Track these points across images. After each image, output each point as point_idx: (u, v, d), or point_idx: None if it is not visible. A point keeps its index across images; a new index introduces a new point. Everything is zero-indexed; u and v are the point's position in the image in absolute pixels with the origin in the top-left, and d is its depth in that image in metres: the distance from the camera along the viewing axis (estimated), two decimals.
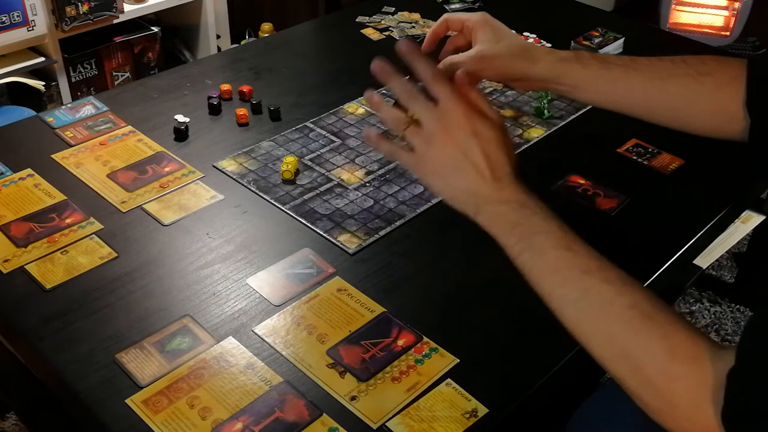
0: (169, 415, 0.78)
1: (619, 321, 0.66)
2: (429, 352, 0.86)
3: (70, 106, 1.31)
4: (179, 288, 0.95)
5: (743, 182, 1.18)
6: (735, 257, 2.00)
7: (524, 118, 1.33)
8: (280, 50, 1.56)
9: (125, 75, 2.31)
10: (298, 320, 0.90)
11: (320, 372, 0.83)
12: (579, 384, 1.15)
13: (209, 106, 1.31)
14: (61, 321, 0.89)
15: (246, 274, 0.97)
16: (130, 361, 0.84)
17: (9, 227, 1.03)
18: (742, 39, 2.76)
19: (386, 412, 0.79)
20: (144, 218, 1.06)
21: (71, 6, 2.03)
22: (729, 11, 2.69)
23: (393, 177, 1.16)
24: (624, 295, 0.67)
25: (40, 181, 1.12)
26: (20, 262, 0.97)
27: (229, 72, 1.46)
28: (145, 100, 1.35)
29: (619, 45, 1.57)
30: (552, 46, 1.58)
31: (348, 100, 1.36)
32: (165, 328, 0.88)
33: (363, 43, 1.60)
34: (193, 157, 1.19)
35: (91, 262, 0.98)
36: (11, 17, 1.93)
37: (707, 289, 1.92)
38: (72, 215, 1.06)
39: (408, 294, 0.95)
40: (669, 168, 1.21)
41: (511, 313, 0.93)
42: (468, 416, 0.79)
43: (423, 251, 1.03)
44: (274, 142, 1.24)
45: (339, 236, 1.04)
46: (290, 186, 1.14)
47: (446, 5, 1.75)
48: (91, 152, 1.19)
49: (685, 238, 1.09)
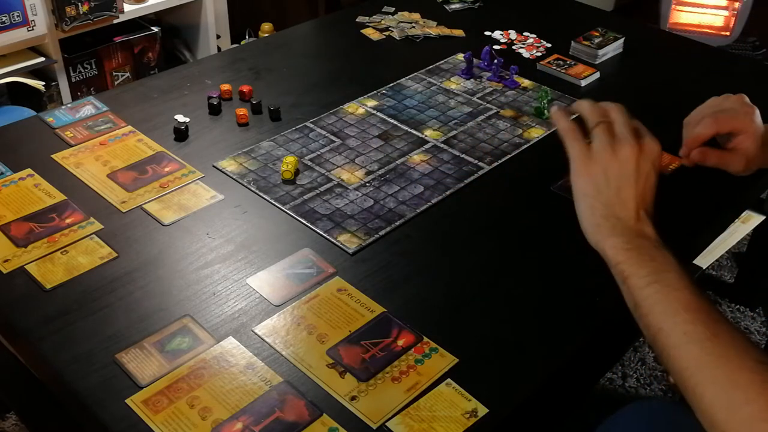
0: (169, 415, 0.78)
1: (746, 371, 0.64)
2: (429, 352, 0.86)
3: (70, 106, 1.31)
4: (179, 288, 0.95)
5: (743, 182, 1.18)
6: (735, 257, 2.00)
7: (524, 118, 1.33)
8: (280, 50, 1.56)
9: (125, 75, 2.31)
10: (298, 320, 0.90)
11: (320, 372, 0.83)
12: (579, 384, 1.15)
13: (209, 106, 1.31)
14: (61, 321, 0.89)
15: (246, 274, 0.97)
16: (130, 361, 0.84)
17: (9, 227, 1.03)
18: (742, 39, 2.76)
19: (386, 412, 0.79)
20: (144, 218, 1.06)
21: (71, 6, 2.03)
22: (729, 11, 2.69)
23: (393, 177, 1.16)
24: (753, 351, 0.66)
25: (40, 181, 1.12)
26: (20, 262, 0.97)
27: (229, 72, 1.47)
28: (145, 100, 1.35)
29: (619, 45, 1.57)
30: (552, 46, 1.58)
31: (348, 100, 1.36)
32: (165, 328, 0.88)
33: (363, 43, 1.60)
34: (193, 157, 1.19)
35: (91, 262, 0.98)
36: (11, 17, 1.93)
37: (707, 289, 1.91)
38: (72, 215, 1.06)
39: (408, 294, 0.95)
40: (669, 168, 1.21)
41: (511, 313, 0.94)
42: (468, 416, 0.79)
43: (423, 251, 1.03)
44: (274, 142, 1.24)
45: (339, 236, 1.04)
46: (290, 186, 1.14)
47: (446, 5, 1.75)
48: (91, 152, 1.19)
49: (685, 238, 1.09)
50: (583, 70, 1.48)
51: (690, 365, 0.67)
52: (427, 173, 1.18)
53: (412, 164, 1.20)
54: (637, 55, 1.57)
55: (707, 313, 0.69)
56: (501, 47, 1.57)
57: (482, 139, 1.27)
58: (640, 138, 0.80)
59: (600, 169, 0.78)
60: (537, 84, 1.43)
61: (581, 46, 1.54)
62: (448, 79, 1.45)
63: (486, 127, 1.30)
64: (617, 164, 0.78)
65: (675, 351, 0.68)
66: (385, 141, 1.25)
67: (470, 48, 1.49)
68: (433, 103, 1.37)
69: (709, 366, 0.66)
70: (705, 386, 0.65)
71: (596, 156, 0.79)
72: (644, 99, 1.43)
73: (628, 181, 0.78)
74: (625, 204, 0.77)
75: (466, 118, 1.32)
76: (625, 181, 0.78)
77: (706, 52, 1.66)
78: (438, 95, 1.39)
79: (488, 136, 1.27)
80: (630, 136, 0.79)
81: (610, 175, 0.78)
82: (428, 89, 1.41)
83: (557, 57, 1.53)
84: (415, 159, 1.21)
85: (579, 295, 0.95)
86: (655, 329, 0.70)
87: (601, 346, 1.18)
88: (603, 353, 1.32)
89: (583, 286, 0.97)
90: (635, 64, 1.54)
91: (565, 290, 0.97)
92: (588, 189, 0.79)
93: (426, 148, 1.24)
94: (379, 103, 1.36)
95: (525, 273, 1.00)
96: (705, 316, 0.68)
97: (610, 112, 0.82)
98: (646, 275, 0.72)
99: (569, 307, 0.94)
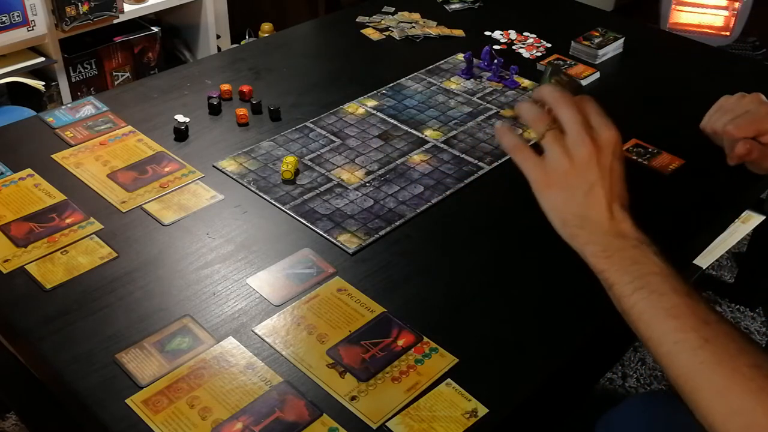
0: (169, 415, 0.78)
1: (740, 377, 0.62)
2: (429, 352, 0.86)
3: (70, 106, 1.31)
4: (179, 288, 0.95)
5: (743, 182, 1.18)
6: (735, 257, 2.00)
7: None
8: (280, 50, 1.56)
9: (125, 75, 2.31)
10: (298, 320, 0.90)
11: (320, 372, 0.83)
12: (579, 384, 1.15)
13: (209, 106, 1.31)
14: (61, 321, 0.89)
15: (246, 274, 0.97)
16: (130, 361, 0.84)
17: (9, 227, 1.03)
18: (742, 39, 2.77)
19: (386, 412, 0.79)
20: (144, 218, 1.06)
21: (71, 6, 2.03)
22: (729, 11, 2.69)
23: (393, 177, 1.16)
24: (747, 354, 0.64)
25: (40, 181, 1.12)
26: (20, 262, 0.97)
27: (229, 72, 1.46)
28: (145, 100, 1.35)
29: (619, 45, 1.57)
30: (552, 46, 1.58)
31: (348, 100, 1.36)
32: (165, 328, 0.88)
33: (363, 43, 1.60)
34: (193, 157, 1.19)
35: (91, 262, 0.98)
36: (11, 17, 1.93)
37: (707, 289, 1.92)
38: (72, 215, 1.06)
39: (408, 294, 0.95)
40: (669, 168, 1.21)
41: (511, 313, 0.93)
42: (468, 416, 0.79)
43: (423, 251, 1.03)
44: (274, 142, 1.24)
45: (339, 236, 1.04)
46: (290, 186, 1.14)
47: (446, 5, 1.75)
48: (91, 152, 1.19)
49: (685, 238, 1.09)
50: (583, 70, 1.48)
51: (683, 373, 0.65)
52: (427, 173, 1.18)
53: (412, 164, 1.20)
54: (637, 55, 1.57)
55: (696, 317, 0.66)
56: (501, 47, 1.57)
57: (482, 139, 1.27)
58: (594, 131, 0.75)
59: (560, 180, 0.75)
60: (537, 84, 1.43)
61: (581, 46, 1.54)
62: (448, 79, 1.45)
63: (486, 127, 1.30)
64: (576, 171, 0.74)
65: (667, 359, 0.67)
66: (385, 141, 1.25)
67: (470, 48, 1.49)
68: (433, 103, 1.37)
69: (703, 374, 0.64)
70: (700, 393, 0.64)
71: (553, 169, 0.75)
72: (644, 99, 1.43)
73: (593, 183, 0.74)
74: (595, 206, 0.74)
75: (466, 118, 1.32)
76: (589, 185, 0.74)
77: (706, 52, 1.66)
78: (438, 95, 1.39)
79: (488, 136, 1.27)
80: (582, 135, 0.74)
81: (572, 183, 0.74)
82: (428, 89, 1.41)
83: (557, 57, 1.53)
84: (415, 159, 1.21)
85: (579, 295, 0.95)
86: (645, 337, 0.69)
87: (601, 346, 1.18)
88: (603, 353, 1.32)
89: (583, 286, 0.97)
90: (635, 64, 1.54)
91: (565, 290, 0.97)
92: (555, 203, 0.76)
93: (426, 148, 1.24)
94: (379, 103, 1.36)
95: (525, 273, 1.00)
96: (694, 321, 0.66)
97: (556, 110, 0.76)
98: (629, 282, 0.70)
99: (569, 307, 0.94)
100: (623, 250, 0.72)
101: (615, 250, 0.72)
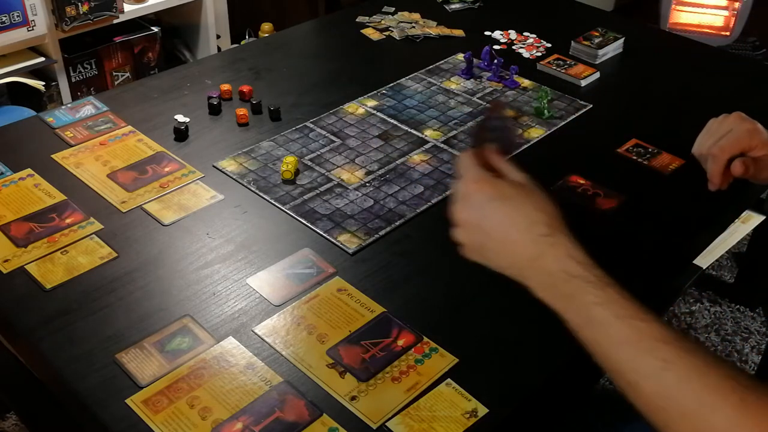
0: (169, 415, 0.78)
1: (714, 393, 0.59)
2: (429, 352, 0.86)
3: (70, 106, 1.31)
4: (179, 288, 0.95)
5: (743, 182, 1.18)
6: (735, 257, 2.00)
7: (524, 118, 1.33)
8: (280, 50, 1.56)
9: (125, 75, 2.31)
10: (298, 320, 0.90)
11: (320, 372, 0.83)
12: (579, 384, 1.15)
13: (209, 106, 1.31)
14: (61, 321, 0.89)
15: (246, 274, 0.97)
16: (130, 361, 0.84)
17: (9, 227, 1.03)
18: (742, 39, 2.76)
19: (386, 412, 0.79)
20: (144, 218, 1.06)
21: (71, 6, 2.03)
22: (729, 11, 2.69)
23: (393, 177, 1.16)
24: (717, 366, 0.60)
25: (40, 181, 1.12)
26: (20, 262, 0.97)
27: (229, 72, 1.47)
28: (145, 100, 1.35)
29: (619, 45, 1.57)
30: (552, 46, 1.58)
31: (348, 100, 1.36)
32: (165, 328, 0.88)
33: (363, 43, 1.60)
34: (193, 157, 1.19)
35: (91, 262, 0.98)
36: (11, 17, 1.93)
37: (707, 289, 1.92)
38: (72, 215, 1.06)
39: (408, 294, 0.95)
40: (669, 168, 1.21)
41: (511, 313, 0.93)
42: (468, 416, 0.79)
43: (423, 251, 1.03)
44: (274, 142, 1.24)
45: (339, 236, 1.04)
46: (290, 186, 1.14)
47: (446, 5, 1.75)
48: (91, 152, 1.19)
49: (685, 238, 1.09)
50: (583, 70, 1.48)
51: (651, 400, 0.62)
52: (427, 173, 1.18)
53: (412, 164, 1.20)
54: (637, 55, 1.57)
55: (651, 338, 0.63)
56: (501, 47, 1.57)
57: None
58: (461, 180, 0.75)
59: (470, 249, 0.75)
60: (537, 84, 1.43)
61: (581, 46, 1.54)
62: (448, 79, 1.45)
63: None
64: (471, 226, 0.74)
65: (633, 389, 0.63)
66: (385, 141, 1.25)
67: (470, 48, 1.49)
68: (433, 103, 1.37)
69: (672, 396, 0.60)
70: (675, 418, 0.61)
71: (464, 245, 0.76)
72: (644, 99, 1.43)
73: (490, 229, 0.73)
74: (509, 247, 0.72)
75: (466, 118, 1.32)
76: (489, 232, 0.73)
77: (706, 52, 1.66)
78: (438, 95, 1.39)
79: None
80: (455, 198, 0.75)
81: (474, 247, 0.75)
82: (428, 89, 1.41)
83: (557, 57, 1.53)
84: (415, 159, 1.21)
85: None
86: (608, 371, 0.66)
87: None
88: None
89: None
90: (635, 64, 1.54)
91: None
92: (482, 259, 0.75)
93: (426, 148, 1.24)
94: (379, 103, 1.36)
95: None
96: (648, 344, 0.62)
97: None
98: (572, 319, 0.68)
99: None
100: (555, 287, 0.69)
101: (547, 287, 0.70)
